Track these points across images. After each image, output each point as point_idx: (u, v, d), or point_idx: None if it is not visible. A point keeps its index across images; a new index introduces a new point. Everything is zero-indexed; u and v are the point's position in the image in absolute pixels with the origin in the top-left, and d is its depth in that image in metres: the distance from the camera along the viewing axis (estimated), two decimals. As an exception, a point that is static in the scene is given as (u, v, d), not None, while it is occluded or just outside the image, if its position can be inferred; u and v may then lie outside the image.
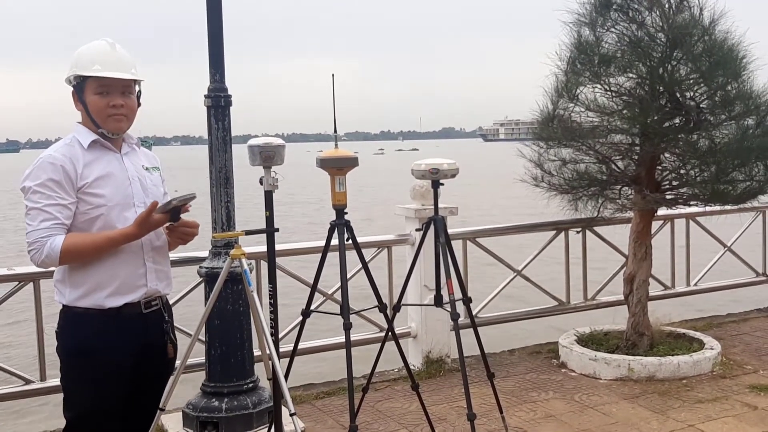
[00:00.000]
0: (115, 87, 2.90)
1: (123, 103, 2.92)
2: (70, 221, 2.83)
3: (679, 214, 7.03)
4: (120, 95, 2.92)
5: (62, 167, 2.81)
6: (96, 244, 2.83)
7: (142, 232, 2.87)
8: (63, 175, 2.81)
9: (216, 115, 4.58)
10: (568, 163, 5.98)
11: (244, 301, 4.60)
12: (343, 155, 3.78)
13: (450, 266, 3.96)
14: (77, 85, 2.92)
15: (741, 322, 7.22)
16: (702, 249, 7.82)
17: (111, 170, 2.91)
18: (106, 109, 2.89)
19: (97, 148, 2.92)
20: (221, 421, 4.58)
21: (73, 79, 2.92)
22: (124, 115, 2.93)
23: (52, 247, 2.77)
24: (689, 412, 4.95)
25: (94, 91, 2.90)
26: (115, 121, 2.92)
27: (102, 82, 2.88)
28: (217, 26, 4.55)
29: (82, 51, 2.94)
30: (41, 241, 2.78)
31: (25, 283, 4.85)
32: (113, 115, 2.90)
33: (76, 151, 2.88)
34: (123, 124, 2.95)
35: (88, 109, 2.91)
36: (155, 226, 2.90)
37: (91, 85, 2.89)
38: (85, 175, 2.85)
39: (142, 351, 2.97)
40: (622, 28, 5.72)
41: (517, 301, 7.33)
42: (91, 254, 2.83)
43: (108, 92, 2.90)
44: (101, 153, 2.93)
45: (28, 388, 4.93)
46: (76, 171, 2.83)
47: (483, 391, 5.24)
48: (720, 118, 5.62)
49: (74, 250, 2.79)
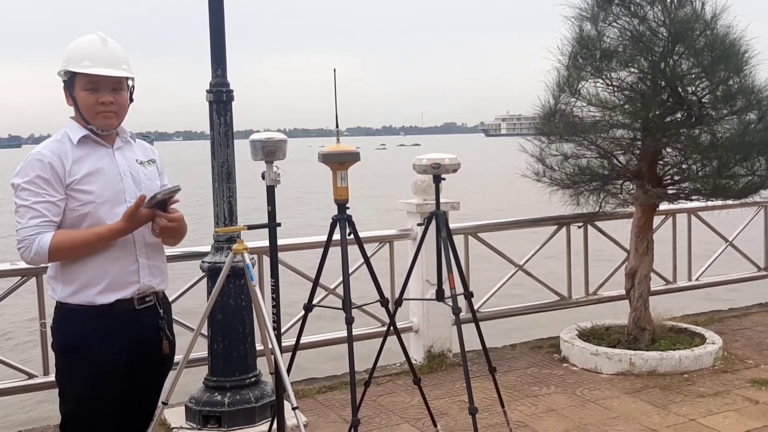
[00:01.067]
0: (104, 83, 2.86)
1: (113, 100, 2.88)
2: (59, 218, 2.82)
3: (681, 208, 7.03)
4: (110, 92, 2.88)
5: (50, 164, 2.79)
6: (85, 241, 2.81)
7: (131, 227, 2.84)
8: (51, 172, 2.79)
9: (218, 110, 4.59)
10: (569, 158, 5.98)
11: (247, 296, 4.61)
12: (344, 150, 3.78)
13: (451, 261, 3.97)
14: (68, 80, 2.89)
15: (742, 317, 7.23)
16: (703, 244, 7.82)
17: (101, 166, 2.88)
18: (95, 105, 2.86)
19: (87, 143, 2.90)
20: (224, 415, 4.60)
21: (64, 75, 2.90)
22: (113, 112, 2.89)
23: (41, 244, 2.76)
24: (690, 406, 4.96)
25: (83, 87, 2.86)
26: (104, 118, 2.88)
27: (91, 79, 2.84)
28: (219, 22, 4.55)
29: (73, 46, 2.90)
30: (30, 239, 2.77)
31: (27, 277, 4.87)
32: (102, 112, 2.87)
33: (66, 147, 2.86)
34: (112, 120, 2.91)
35: (78, 105, 2.88)
36: (144, 220, 2.87)
37: (81, 81, 2.86)
38: (73, 171, 2.82)
39: (137, 347, 2.94)
40: (623, 22, 5.72)
41: (519, 296, 7.34)
42: (81, 251, 2.82)
43: (97, 89, 2.86)
44: (92, 149, 2.90)
45: (31, 383, 4.96)
46: (65, 168, 2.81)
47: (484, 386, 5.25)
48: (722, 113, 5.63)
49: (63, 248, 2.78)
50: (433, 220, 4.11)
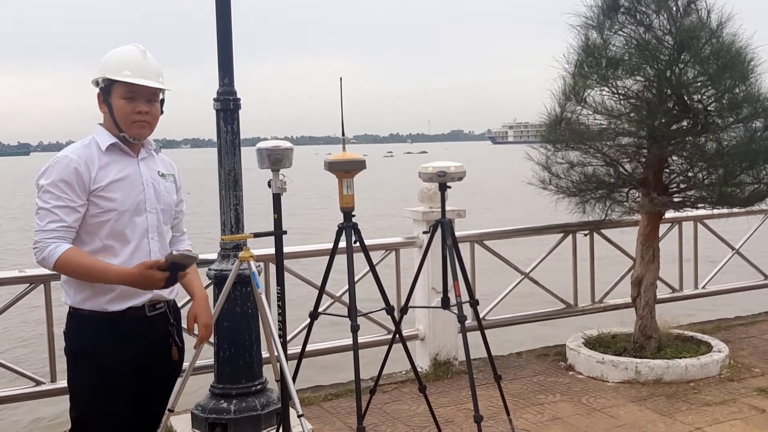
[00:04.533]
0: (142, 94, 2.93)
1: (148, 110, 2.95)
2: (78, 224, 2.84)
3: (687, 216, 7.02)
4: (146, 102, 2.94)
5: (75, 169, 2.83)
6: (93, 271, 2.80)
7: (140, 281, 2.79)
8: (75, 176, 2.82)
9: (225, 118, 4.61)
10: (575, 166, 5.99)
11: (253, 303, 4.62)
12: (350, 158, 3.80)
13: (457, 268, 3.98)
14: (104, 87, 2.95)
15: (749, 325, 7.21)
16: (710, 252, 7.81)
17: (126, 174, 2.93)
18: (131, 114, 2.92)
19: (114, 151, 2.94)
20: (230, 422, 4.61)
21: (101, 82, 2.95)
22: (147, 122, 2.96)
23: (51, 253, 2.78)
24: (696, 414, 4.95)
25: (121, 95, 2.92)
26: (139, 127, 2.94)
27: (130, 88, 2.91)
28: (227, 31, 4.58)
29: (113, 55, 2.96)
30: (45, 242, 2.79)
31: (36, 284, 4.89)
32: (137, 121, 2.93)
33: (93, 153, 2.90)
34: (145, 130, 2.98)
35: (113, 112, 2.93)
36: (154, 281, 2.81)
37: (119, 90, 2.92)
38: (99, 178, 2.86)
39: (147, 354, 2.97)
40: (629, 30, 5.73)
41: (525, 304, 7.34)
42: (84, 277, 2.83)
43: (134, 98, 2.92)
44: (118, 156, 2.95)
45: (39, 389, 4.98)
46: (90, 174, 2.85)
47: (490, 394, 5.25)
48: (728, 121, 5.62)
49: (69, 266, 2.80)
50: (438, 227, 4.12)
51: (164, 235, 3.06)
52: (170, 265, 2.81)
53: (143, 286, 2.83)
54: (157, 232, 3.00)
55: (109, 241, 2.88)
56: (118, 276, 2.81)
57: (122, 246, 2.90)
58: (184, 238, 3.27)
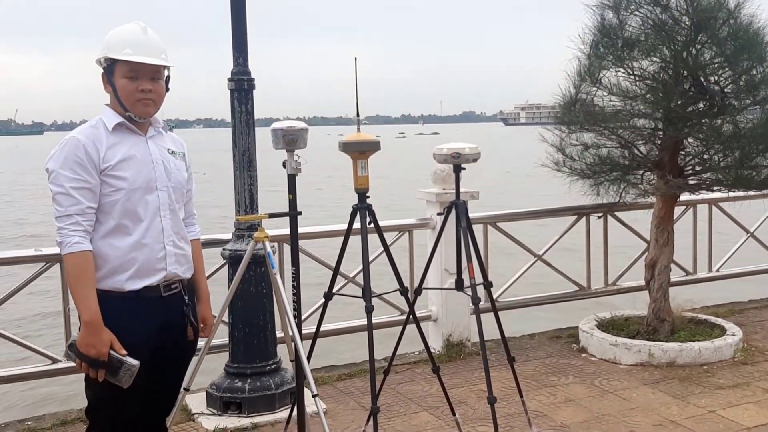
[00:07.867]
0: (144, 71, 2.91)
1: (152, 88, 2.93)
2: (95, 204, 2.84)
3: (702, 199, 6.99)
4: (149, 80, 2.93)
5: (84, 149, 2.82)
6: (83, 285, 2.79)
7: (90, 332, 2.79)
8: (86, 156, 2.82)
9: (239, 98, 4.62)
10: (590, 148, 5.96)
11: (267, 284, 4.65)
12: (365, 139, 3.79)
13: (471, 250, 3.97)
14: (107, 67, 2.94)
15: (763, 309, 7.18)
16: (724, 235, 7.77)
17: (134, 153, 2.93)
18: (134, 93, 2.90)
19: (122, 130, 2.94)
20: (244, 401, 4.65)
21: (104, 61, 2.94)
22: (152, 100, 2.94)
23: (69, 246, 2.78)
24: (710, 398, 4.95)
25: (123, 74, 2.91)
26: (143, 105, 2.93)
27: (132, 66, 2.89)
28: (241, 10, 4.57)
29: (114, 34, 2.95)
30: (68, 228, 2.79)
31: (51, 263, 4.93)
32: (141, 99, 2.91)
33: (100, 133, 2.90)
34: (150, 108, 2.96)
35: (117, 92, 2.92)
36: (96, 341, 2.79)
37: (121, 69, 2.91)
38: (107, 157, 2.86)
39: (162, 333, 2.98)
40: (645, 11, 5.67)
41: (538, 286, 7.33)
42: (72, 279, 2.83)
43: (137, 77, 2.90)
44: (126, 135, 2.94)
45: (54, 368, 5.02)
46: (99, 153, 2.84)
47: (503, 375, 5.27)
48: (745, 103, 5.58)
49: (72, 266, 2.80)
50: (452, 209, 4.11)
51: (177, 213, 3.05)
52: (115, 362, 2.80)
53: (88, 337, 2.79)
54: (169, 209, 2.99)
55: (123, 220, 2.88)
56: (87, 310, 2.79)
57: (135, 224, 2.90)
58: (194, 221, 3.26)
